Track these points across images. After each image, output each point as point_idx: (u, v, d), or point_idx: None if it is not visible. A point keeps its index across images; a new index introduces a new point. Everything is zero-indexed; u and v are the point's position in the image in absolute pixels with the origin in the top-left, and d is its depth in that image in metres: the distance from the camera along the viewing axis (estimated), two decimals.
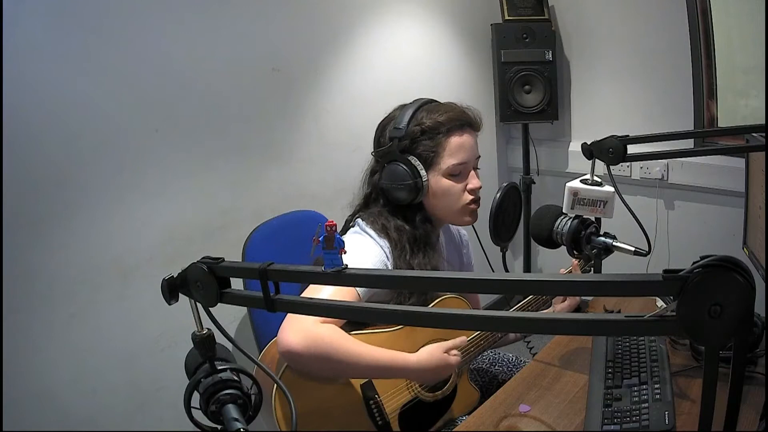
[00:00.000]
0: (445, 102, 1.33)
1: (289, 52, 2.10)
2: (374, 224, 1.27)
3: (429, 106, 1.30)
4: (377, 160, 1.32)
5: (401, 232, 1.27)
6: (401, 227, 1.27)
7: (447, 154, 1.27)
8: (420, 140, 1.26)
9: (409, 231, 1.28)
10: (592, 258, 1.10)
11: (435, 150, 1.26)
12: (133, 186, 1.74)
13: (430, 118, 1.26)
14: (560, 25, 2.82)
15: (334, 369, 1.13)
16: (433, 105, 1.31)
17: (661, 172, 2.61)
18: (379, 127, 1.34)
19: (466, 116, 1.30)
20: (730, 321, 0.46)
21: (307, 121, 2.20)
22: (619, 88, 2.73)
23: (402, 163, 1.25)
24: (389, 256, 1.24)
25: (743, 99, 2.42)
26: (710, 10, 2.35)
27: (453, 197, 1.29)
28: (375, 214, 1.29)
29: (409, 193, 1.26)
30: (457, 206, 1.31)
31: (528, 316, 0.57)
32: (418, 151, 1.26)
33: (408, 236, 1.27)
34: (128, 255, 1.74)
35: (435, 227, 1.34)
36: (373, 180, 1.32)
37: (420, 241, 1.28)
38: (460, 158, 1.27)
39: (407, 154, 1.26)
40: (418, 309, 0.65)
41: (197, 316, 0.75)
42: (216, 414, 0.73)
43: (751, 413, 1.03)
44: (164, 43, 1.76)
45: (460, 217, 1.33)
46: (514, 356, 1.59)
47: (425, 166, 1.26)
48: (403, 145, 1.26)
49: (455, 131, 1.27)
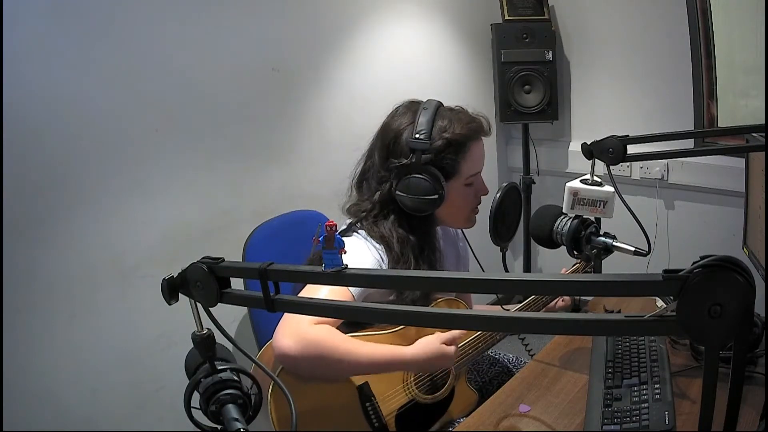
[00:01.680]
0: (456, 107, 1.31)
1: (289, 52, 2.10)
2: (372, 232, 1.25)
3: (445, 113, 1.27)
4: (389, 169, 1.26)
5: (404, 244, 1.25)
6: (405, 238, 1.26)
7: (468, 165, 1.28)
8: (445, 153, 1.24)
9: (414, 242, 1.27)
10: (592, 258, 1.10)
11: (458, 162, 1.26)
12: (133, 186, 1.74)
13: (453, 131, 1.24)
14: (560, 25, 2.81)
15: (331, 368, 1.12)
16: (449, 112, 1.28)
17: (661, 172, 2.61)
18: (389, 131, 1.28)
19: (481, 125, 1.30)
20: (730, 321, 0.46)
21: (307, 121, 2.20)
22: (619, 88, 2.73)
23: (426, 177, 1.23)
24: (384, 263, 1.22)
25: (743, 99, 2.42)
26: (710, 10, 2.35)
27: (467, 204, 1.32)
28: (378, 223, 1.27)
29: (429, 205, 1.24)
30: (467, 212, 1.33)
31: (528, 317, 0.57)
32: (442, 164, 1.25)
33: (413, 247, 1.26)
34: (128, 255, 1.74)
35: (435, 229, 1.34)
36: (383, 188, 1.27)
37: (426, 251, 1.28)
38: (478, 168, 1.31)
39: (431, 167, 1.23)
40: (417, 309, 0.65)
41: (197, 316, 0.75)
42: (216, 414, 0.73)
43: (751, 413, 1.03)
44: (164, 43, 1.76)
45: (465, 222, 1.35)
46: (513, 356, 1.59)
47: (446, 176, 1.25)
48: (427, 158, 1.23)
49: (475, 140, 1.28)
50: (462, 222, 1.35)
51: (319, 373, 1.13)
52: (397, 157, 1.25)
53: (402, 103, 1.33)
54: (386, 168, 1.27)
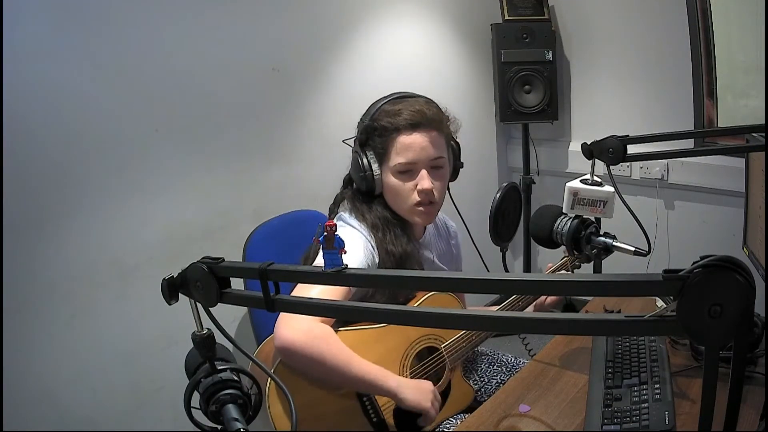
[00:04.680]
0: (413, 98, 1.34)
1: (289, 51, 2.10)
2: (353, 211, 1.32)
3: (393, 101, 1.33)
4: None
5: (376, 217, 1.32)
6: (375, 210, 1.32)
7: (395, 153, 1.29)
8: (373, 136, 1.31)
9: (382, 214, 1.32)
10: (592, 258, 1.10)
11: (385, 147, 1.30)
12: (133, 186, 1.74)
13: (386, 116, 1.30)
14: (560, 25, 2.82)
15: (326, 371, 1.12)
16: (396, 101, 1.33)
17: (661, 172, 2.61)
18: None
19: (419, 116, 1.29)
20: (730, 321, 0.46)
21: (307, 121, 2.20)
22: (619, 87, 2.73)
23: (360, 155, 1.32)
24: (373, 244, 1.27)
25: (743, 99, 2.42)
26: (710, 10, 2.35)
27: (402, 196, 1.31)
28: (354, 200, 1.35)
29: (362, 182, 1.32)
30: (406, 205, 1.32)
31: (528, 317, 0.57)
32: (372, 145, 1.31)
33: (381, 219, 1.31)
34: (128, 255, 1.74)
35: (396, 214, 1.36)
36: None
37: (380, 230, 1.31)
38: (407, 157, 1.29)
39: (365, 147, 1.32)
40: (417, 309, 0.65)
41: (197, 316, 0.75)
42: (216, 414, 0.73)
43: (751, 413, 1.03)
44: (164, 43, 1.76)
45: (410, 216, 1.34)
46: (513, 357, 1.59)
47: (378, 161, 1.31)
48: (361, 138, 1.33)
49: (404, 131, 1.28)
50: (406, 214, 1.35)
51: (312, 371, 1.13)
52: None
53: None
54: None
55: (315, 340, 1.08)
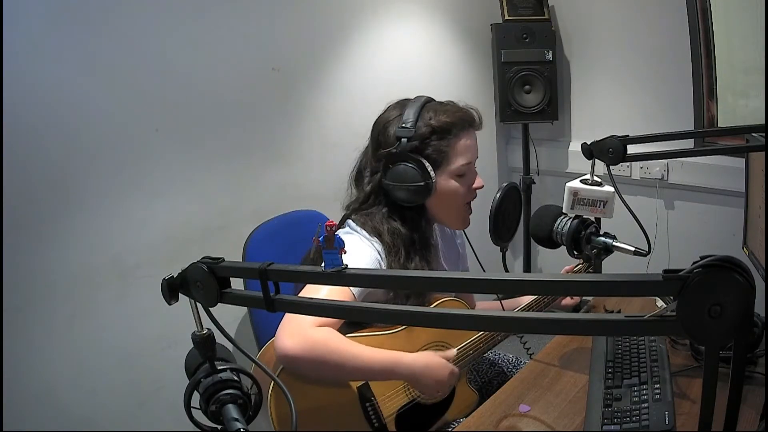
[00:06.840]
0: (445, 101, 1.33)
1: (289, 52, 2.10)
2: (365, 225, 1.26)
3: (432, 105, 1.30)
4: (379, 159, 1.28)
5: (396, 235, 1.25)
6: (397, 230, 1.26)
7: (456, 155, 1.27)
8: (430, 141, 1.25)
9: (406, 234, 1.26)
10: (592, 258, 1.10)
11: (445, 151, 1.26)
12: (133, 186, 1.74)
13: (438, 119, 1.26)
14: (560, 25, 2.81)
15: (332, 371, 1.12)
16: (437, 104, 1.30)
17: (661, 172, 2.61)
18: (378, 125, 1.31)
19: (471, 116, 1.31)
20: (730, 321, 0.46)
21: (307, 121, 2.20)
22: (619, 88, 2.73)
23: (412, 164, 1.23)
24: (382, 257, 1.23)
25: (743, 99, 2.41)
26: (710, 10, 2.35)
27: (458, 198, 1.30)
28: (370, 215, 1.28)
29: (417, 194, 1.24)
30: (459, 207, 1.32)
31: (528, 317, 0.57)
32: (427, 151, 1.25)
33: (404, 239, 1.26)
34: (128, 255, 1.74)
35: (431, 227, 1.34)
36: (374, 180, 1.29)
37: (417, 243, 1.28)
38: (468, 158, 1.29)
39: (416, 155, 1.24)
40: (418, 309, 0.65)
41: (197, 316, 0.75)
42: (216, 414, 0.73)
43: (751, 413, 1.03)
44: (164, 43, 1.76)
45: (457, 218, 1.34)
46: (513, 357, 1.59)
47: (433, 165, 1.25)
48: (412, 145, 1.24)
49: (464, 131, 1.28)
50: (455, 219, 1.34)
51: (319, 374, 1.13)
52: (385, 148, 1.27)
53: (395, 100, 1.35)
54: (377, 159, 1.29)
55: (315, 346, 1.08)
